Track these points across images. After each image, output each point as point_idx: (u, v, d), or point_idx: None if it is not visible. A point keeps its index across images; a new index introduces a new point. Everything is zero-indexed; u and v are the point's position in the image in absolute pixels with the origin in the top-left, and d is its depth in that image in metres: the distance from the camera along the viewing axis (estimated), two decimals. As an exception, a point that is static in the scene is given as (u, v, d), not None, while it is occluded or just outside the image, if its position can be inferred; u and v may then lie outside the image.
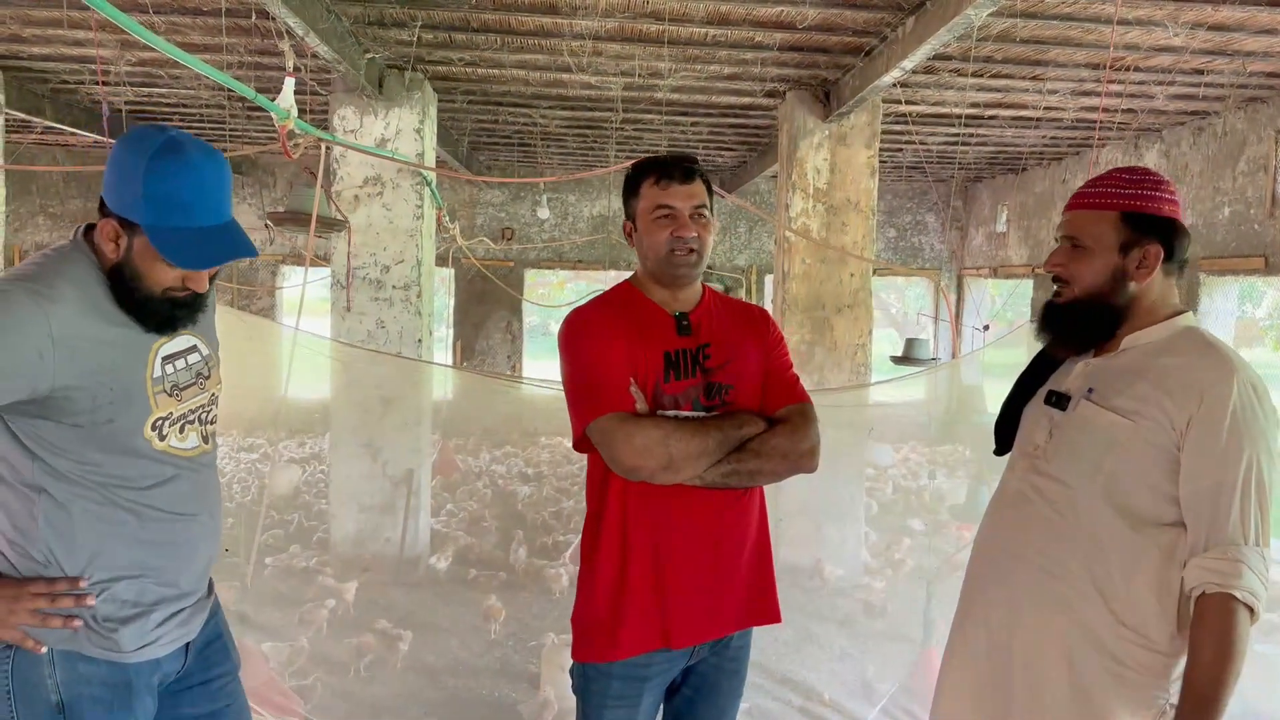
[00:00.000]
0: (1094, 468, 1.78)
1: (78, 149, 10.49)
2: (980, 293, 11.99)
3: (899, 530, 7.44)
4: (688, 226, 2.03)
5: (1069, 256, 1.88)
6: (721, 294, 2.26)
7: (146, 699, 1.75)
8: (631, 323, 2.06)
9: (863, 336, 6.35)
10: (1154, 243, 1.81)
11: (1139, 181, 1.84)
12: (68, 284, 1.64)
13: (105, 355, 1.66)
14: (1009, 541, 1.91)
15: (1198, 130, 7.21)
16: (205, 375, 1.86)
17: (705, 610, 2.05)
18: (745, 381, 2.09)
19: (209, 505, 1.87)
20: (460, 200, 11.46)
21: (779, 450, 2.01)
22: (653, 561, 2.01)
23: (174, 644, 1.80)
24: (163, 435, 1.75)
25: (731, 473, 1.97)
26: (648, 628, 2.01)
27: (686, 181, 2.04)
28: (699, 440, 1.93)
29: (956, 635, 2.00)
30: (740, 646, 2.18)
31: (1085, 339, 1.90)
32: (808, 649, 5.14)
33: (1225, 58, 5.33)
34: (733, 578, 2.08)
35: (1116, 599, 1.75)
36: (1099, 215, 1.85)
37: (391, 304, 6.01)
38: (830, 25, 4.94)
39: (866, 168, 6.25)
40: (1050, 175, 9.77)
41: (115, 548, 1.70)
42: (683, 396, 2.03)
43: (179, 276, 1.69)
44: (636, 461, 1.90)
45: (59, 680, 1.65)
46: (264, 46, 5.50)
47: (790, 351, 6.69)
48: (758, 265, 11.77)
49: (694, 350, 2.06)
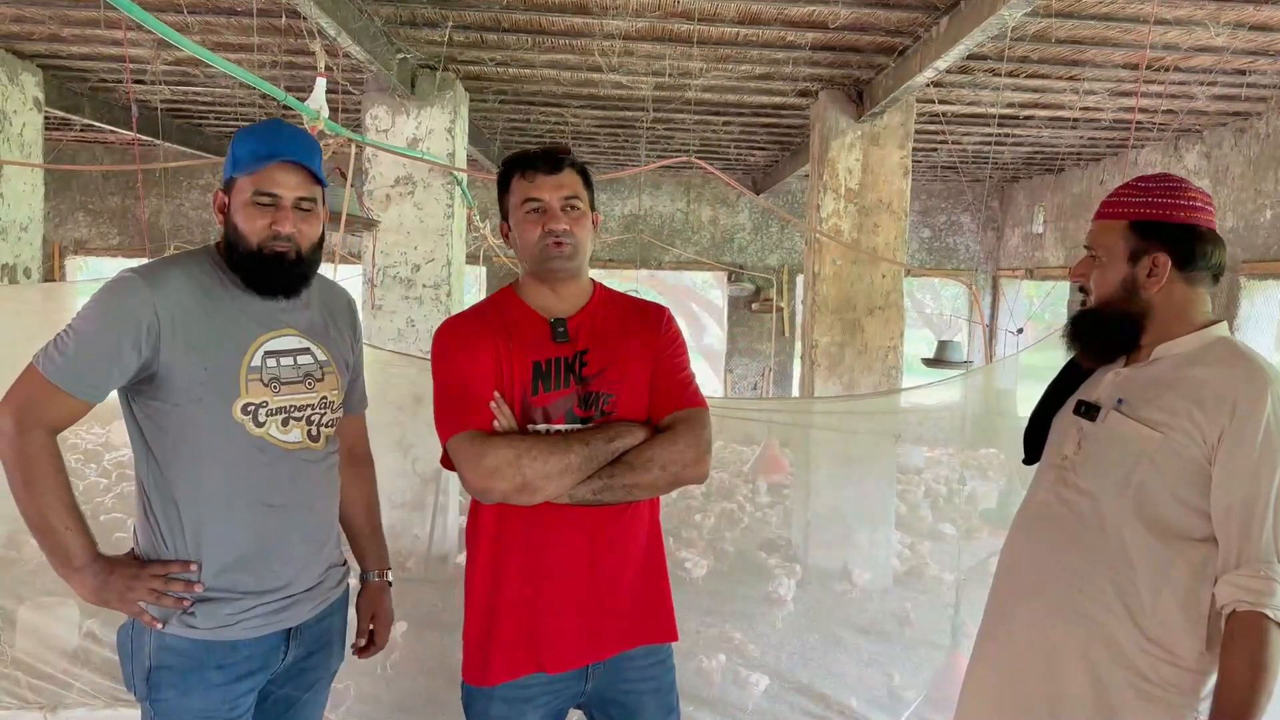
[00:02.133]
0: (1123, 480, 1.75)
1: (116, 146, 10.64)
2: (1016, 294, 11.85)
3: (929, 534, 7.37)
4: (557, 218, 1.90)
5: (1089, 266, 1.87)
6: (619, 293, 2.11)
7: (214, 676, 1.82)
8: (501, 331, 1.92)
9: (894, 339, 6.29)
10: (1161, 251, 1.78)
11: (1149, 189, 1.81)
12: (179, 271, 1.84)
13: (206, 337, 1.81)
14: (1035, 554, 1.87)
15: (1239, 131, 7.07)
16: (317, 378, 1.94)
17: (583, 632, 1.92)
18: (628, 388, 1.94)
19: (307, 499, 1.94)
20: (491, 199, 11.29)
21: (657, 461, 1.86)
22: (524, 582, 1.89)
23: (260, 630, 1.86)
24: (259, 422, 1.85)
25: (604, 488, 1.83)
26: (520, 651, 1.90)
27: (554, 172, 1.92)
28: (558, 458, 1.79)
29: (980, 647, 1.97)
30: (653, 664, 2.02)
31: (1106, 349, 1.88)
32: (835, 654, 5.10)
33: (1268, 58, 5.22)
34: (614, 597, 1.94)
35: (1143, 614, 1.71)
36: (1110, 225, 1.84)
37: (421, 302, 6.04)
38: (863, 25, 4.90)
39: (899, 168, 6.19)
40: (1088, 176, 9.63)
41: (205, 530, 1.82)
42: (553, 409, 1.89)
43: (267, 223, 1.83)
44: (486, 484, 1.79)
45: (152, 647, 1.82)
46: (297, 46, 5.54)
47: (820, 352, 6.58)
48: (789, 265, 11.71)
49: (570, 358, 1.92)
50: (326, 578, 2.02)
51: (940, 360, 6.63)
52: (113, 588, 1.77)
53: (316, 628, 2.00)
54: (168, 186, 11.16)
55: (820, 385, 6.25)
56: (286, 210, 1.86)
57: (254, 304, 1.89)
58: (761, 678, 4.41)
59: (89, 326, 1.77)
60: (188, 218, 11.34)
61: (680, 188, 11.64)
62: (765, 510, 8.01)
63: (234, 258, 1.86)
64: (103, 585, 1.77)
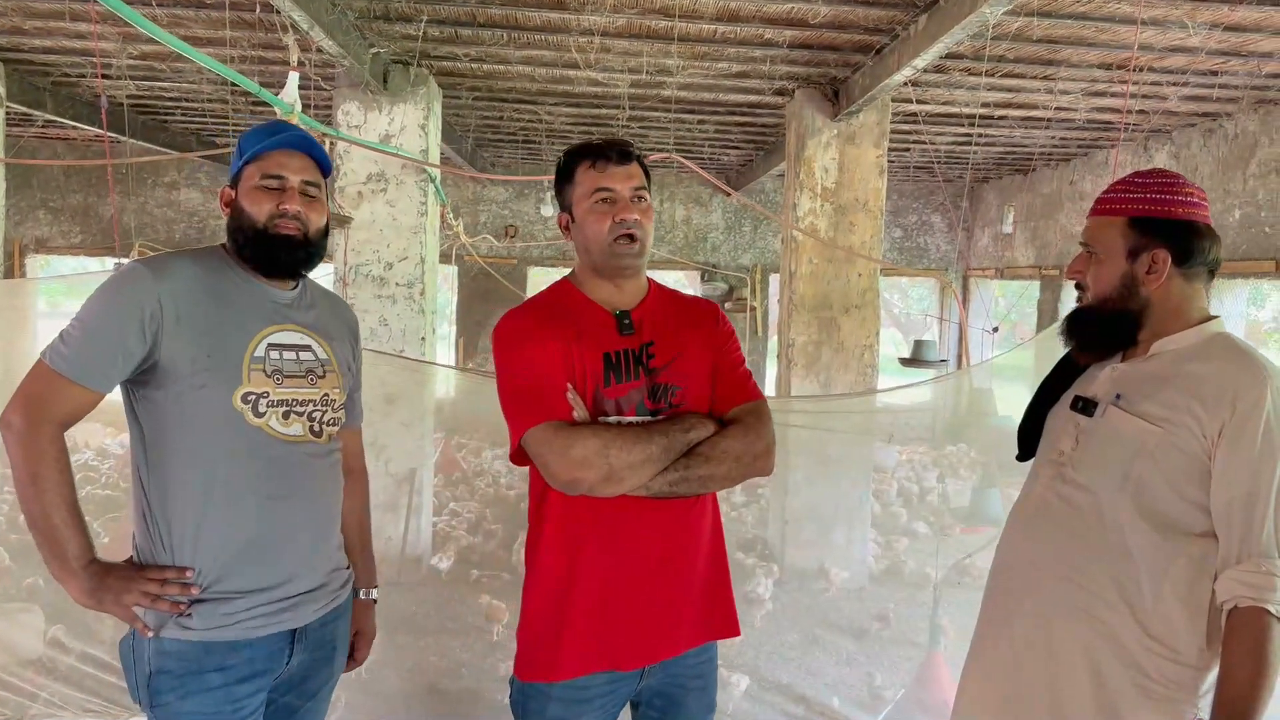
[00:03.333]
0: (1122, 475, 1.73)
1: (79, 143, 10.45)
2: (986, 294, 11.93)
3: (903, 532, 7.39)
4: (629, 209, 1.89)
5: (1086, 263, 1.86)
6: (669, 289, 2.11)
7: (214, 678, 1.79)
8: (568, 323, 1.90)
9: (870, 337, 6.30)
10: (1161, 247, 1.77)
11: (1147, 185, 1.80)
12: (187, 263, 1.87)
13: (210, 323, 1.82)
14: (1034, 551, 1.85)
15: (1208, 132, 7.15)
16: (319, 375, 1.94)
17: (655, 629, 1.92)
18: (693, 381, 1.94)
19: (309, 491, 1.92)
20: (464, 197, 11.41)
21: (731, 453, 1.87)
22: (597, 580, 1.87)
23: (260, 630, 1.83)
24: (259, 412, 1.83)
25: (680, 480, 1.83)
26: (592, 649, 1.88)
27: (624, 163, 1.91)
28: (642, 447, 1.79)
29: (978, 646, 1.94)
30: (703, 661, 2.03)
31: (1105, 345, 1.87)
32: (813, 653, 5.09)
33: (1240, 59, 5.27)
34: (685, 593, 1.95)
35: (1144, 610, 1.69)
36: (1108, 221, 1.82)
37: (395, 301, 5.96)
38: (842, 22, 4.89)
39: (875, 167, 6.20)
40: (1058, 176, 9.71)
41: (204, 524, 1.80)
42: (625, 400, 1.88)
43: (274, 204, 1.86)
44: (574, 474, 1.77)
45: (151, 653, 1.80)
46: (268, 41, 5.45)
47: (796, 351, 6.61)
48: (763, 264, 11.71)
49: (637, 350, 1.91)
50: (331, 579, 1.99)
51: (917, 360, 6.63)
52: (108, 590, 1.76)
53: (320, 632, 1.97)
54: (132, 184, 10.97)
55: (797, 384, 6.24)
56: (293, 191, 1.89)
57: (259, 298, 1.90)
58: (742, 678, 4.39)
59: (94, 317, 1.78)
60: (152, 215, 11.15)
61: (653, 187, 11.57)
62: (740, 509, 8.00)
63: (240, 242, 1.89)
64: (98, 587, 1.76)
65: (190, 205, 11.21)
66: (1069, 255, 9.31)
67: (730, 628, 2.06)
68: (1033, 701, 1.79)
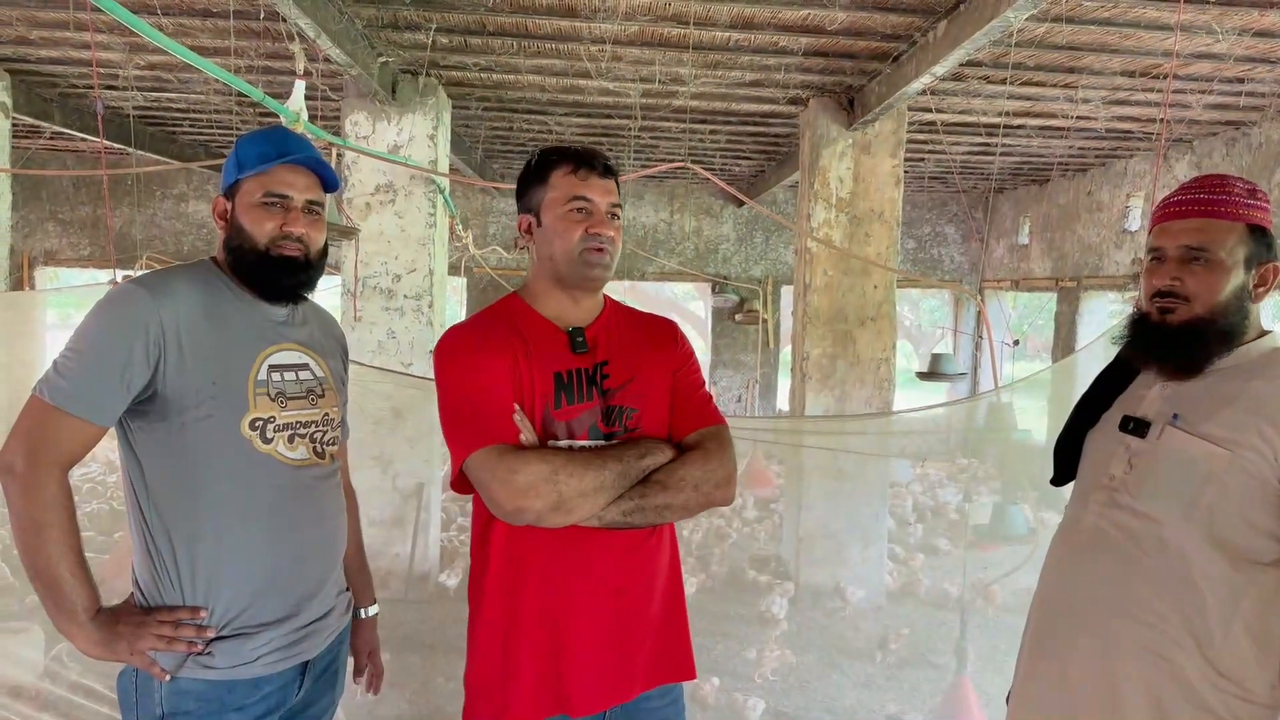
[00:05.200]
0: (1188, 502, 1.60)
1: (88, 155, 10.40)
2: (1001, 306, 11.79)
3: (921, 549, 7.26)
4: (605, 223, 1.79)
5: (1187, 269, 1.68)
6: (626, 306, 1.99)
7: (233, 718, 1.72)
8: (516, 340, 1.77)
9: (887, 350, 6.18)
10: (1274, 260, 1.68)
11: (1255, 191, 1.69)
12: (184, 283, 1.75)
13: (212, 349, 1.72)
14: (1088, 585, 1.72)
15: (1231, 141, 7.02)
16: (319, 394, 1.87)
17: (609, 670, 1.77)
18: (650, 404, 1.81)
19: (318, 517, 1.84)
20: (473, 208, 11.33)
21: (690, 481, 1.73)
22: (545, 618, 1.74)
23: (280, 664, 1.77)
24: (266, 438, 1.75)
25: (635, 509, 1.70)
26: (542, 694, 1.74)
27: (606, 176, 1.82)
28: (594, 474, 1.66)
29: (1027, 688, 1.80)
30: (666, 705, 1.88)
31: (1200, 362, 1.69)
32: (830, 676, 4.95)
33: (1268, 65, 5.15)
34: (640, 631, 1.80)
35: (1213, 647, 1.57)
36: (1228, 226, 1.67)
37: (403, 314, 5.87)
38: (859, 29, 4.78)
39: (891, 177, 6.09)
40: (1075, 186, 9.58)
41: (220, 561, 1.72)
42: (577, 423, 1.75)
43: (277, 225, 1.77)
44: (520, 502, 1.63)
45: (164, 694, 1.70)
46: (275, 50, 5.37)
47: (811, 364, 6.47)
48: (774, 276, 11.60)
49: (590, 370, 1.79)
50: (337, 604, 1.93)
51: (935, 373, 6.50)
52: (119, 638, 1.67)
53: (325, 659, 1.91)
54: (140, 196, 10.92)
55: (812, 398, 6.12)
56: (296, 212, 1.80)
57: (255, 317, 1.81)
58: (758, 702, 4.27)
59: (92, 343, 1.67)
60: (160, 228, 11.10)
61: (664, 198, 11.52)
62: (753, 525, 7.87)
63: (239, 262, 1.79)
64: (109, 636, 1.67)
65: (199, 217, 11.15)
66: (1086, 267, 9.19)
67: (684, 669, 1.90)
68: None
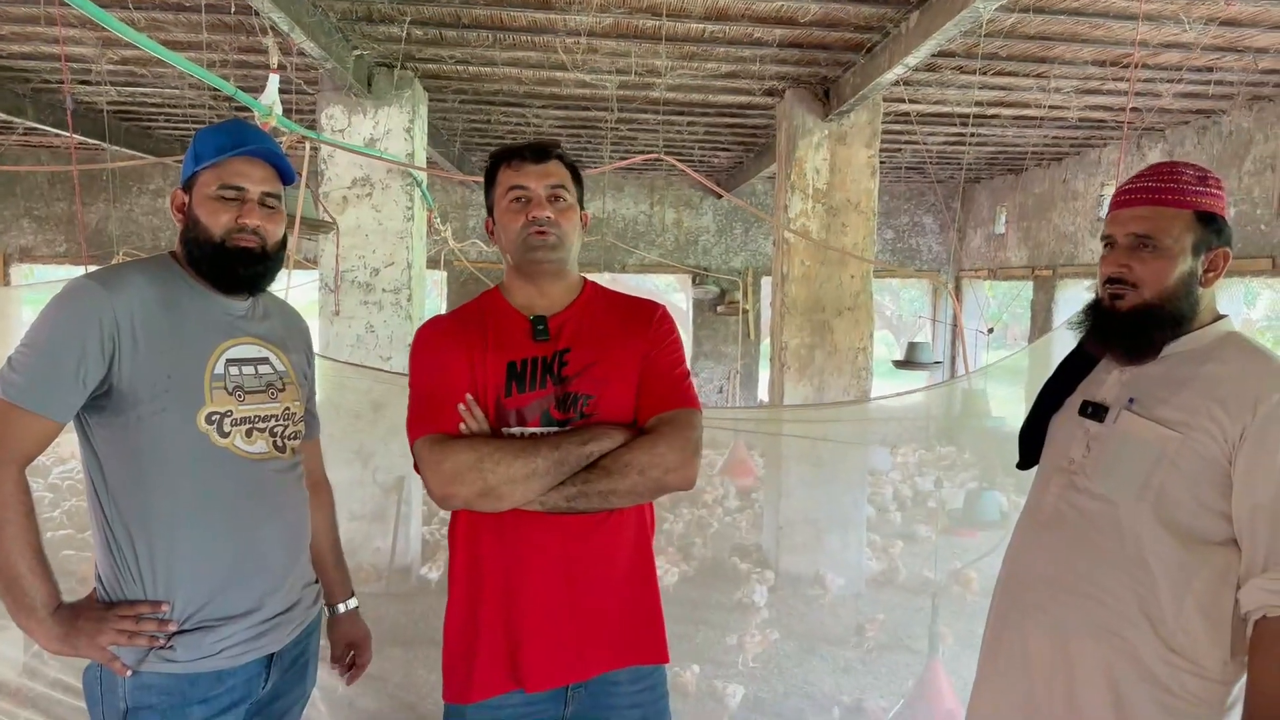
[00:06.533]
0: (1141, 483, 1.65)
1: (62, 150, 10.33)
2: (979, 295, 11.88)
3: (898, 535, 7.32)
4: (542, 205, 1.82)
5: (1136, 256, 1.71)
6: (611, 292, 1.99)
7: (196, 711, 1.73)
8: (481, 331, 1.84)
9: (864, 339, 6.22)
10: (1224, 246, 1.70)
11: (1206, 178, 1.71)
12: (139, 276, 1.75)
13: (168, 342, 1.72)
14: (1047, 564, 1.77)
15: (1202, 129, 7.10)
16: (279, 388, 1.88)
17: (562, 649, 1.81)
18: (610, 389, 1.81)
19: (279, 509, 1.85)
20: (452, 202, 11.32)
21: (635, 466, 1.73)
22: (502, 596, 1.80)
23: (244, 657, 1.78)
24: (224, 432, 1.76)
25: (578, 495, 1.72)
26: (498, 668, 1.81)
27: (540, 161, 1.85)
28: (524, 461, 1.69)
29: (989, 665, 1.85)
30: (639, 690, 1.89)
31: (1151, 348, 1.73)
32: (810, 662, 5.00)
33: (1235, 54, 5.21)
34: (596, 613, 1.83)
35: (1165, 624, 1.62)
36: (1175, 213, 1.70)
37: (381, 307, 5.87)
38: (832, 20, 4.81)
39: (867, 167, 6.13)
40: (1050, 176, 9.66)
41: (177, 554, 1.72)
42: (529, 410, 1.79)
43: (232, 217, 1.77)
44: (447, 489, 1.71)
45: (128, 688, 1.71)
46: (248, 44, 5.36)
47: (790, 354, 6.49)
48: (754, 267, 11.64)
49: (548, 357, 1.82)
50: (303, 596, 1.93)
51: (911, 362, 6.55)
52: (80, 634, 1.68)
53: (293, 651, 1.91)
54: (116, 191, 10.85)
55: (790, 388, 6.16)
56: (252, 204, 1.80)
57: (213, 310, 1.81)
58: (738, 688, 4.31)
59: (46, 338, 1.67)
60: (138, 224, 11.03)
61: (644, 190, 11.54)
62: (735, 515, 7.92)
63: (195, 254, 1.79)
64: (69, 632, 1.67)
65: (176, 213, 11.08)
66: (1062, 256, 9.28)
67: (656, 653, 1.92)
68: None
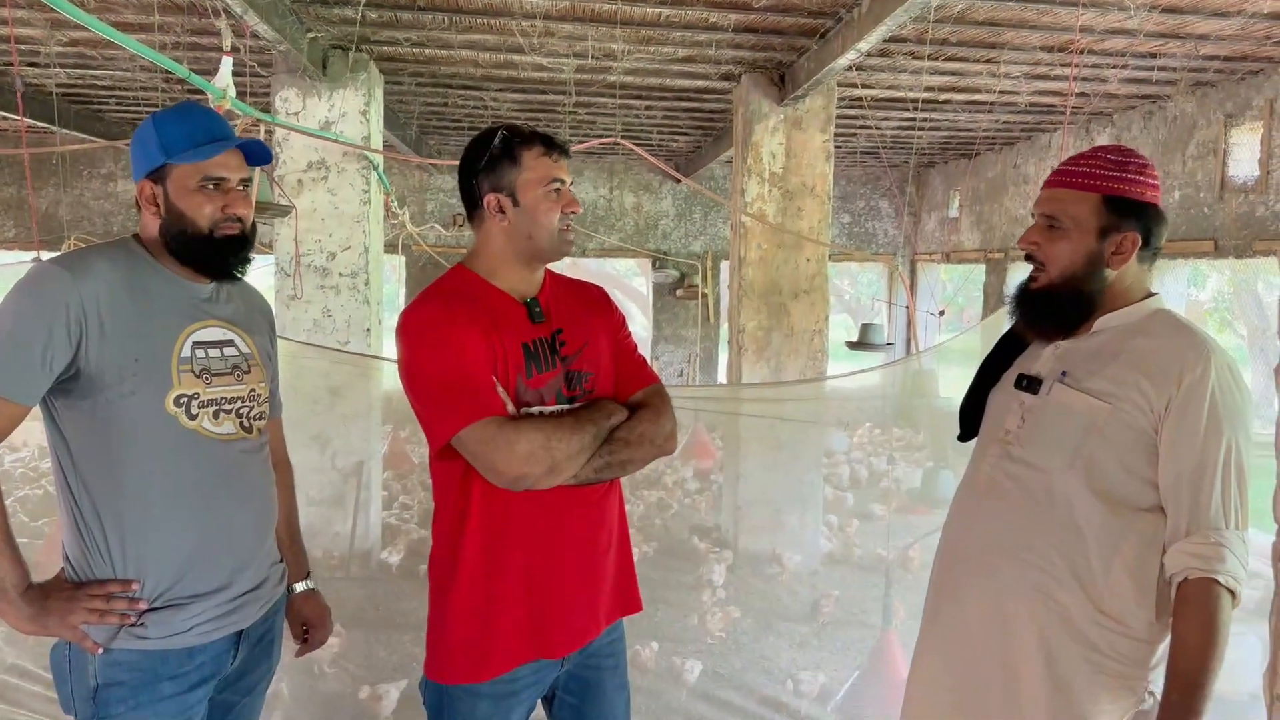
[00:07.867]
0: (1071, 452, 1.72)
1: (10, 134, 10.13)
2: (933, 278, 12.04)
3: (855, 515, 7.44)
4: (575, 204, 1.91)
5: (1045, 236, 1.80)
6: (558, 274, 2.07)
7: (167, 687, 1.76)
8: (483, 314, 1.85)
9: (820, 322, 6.31)
10: (1133, 230, 1.75)
11: (1124, 164, 1.77)
12: (104, 261, 1.77)
13: (134, 326, 1.74)
14: (983, 531, 1.84)
15: (1148, 114, 7.25)
16: (244, 370, 1.90)
17: (580, 613, 1.93)
18: (601, 368, 1.96)
19: (248, 491, 1.89)
20: (410, 186, 11.26)
21: (647, 437, 1.91)
22: (523, 571, 1.86)
23: (214, 634, 1.81)
24: (192, 414, 1.79)
25: (604, 466, 1.85)
26: (520, 641, 1.87)
27: (567, 157, 1.94)
28: (578, 437, 1.80)
29: (929, 627, 1.93)
30: (613, 640, 2.06)
31: (1060, 325, 1.83)
32: (767, 638, 5.10)
33: (1178, 41, 5.34)
34: (602, 574, 1.97)
35: (1094, 586, 1.69)
36: (1080, 196, 1.77)
37: (339, 292, 5.85)
38: (786, 5, 4.87)
39: (822, 152, 6.20)
40: (1002, 160, 9.81)
41: (147, 535, 1.75)
42: (547, 390, 1.87)
43: (219, 205, 1.81)
44: (522, 469, 1.75)
45: (98, 664, 1.73)
46: (201, 26, 5.30)
47: (747, 336, 6.60)
48: (713, 251, 11.71)
49: (549, 338, 1.90)
50: (270, 574, 1.97)
51: (863, 343, 6.65)
52: (50, 614, 1.70)
53: (260, 628, 1.95)
54: (67, 176, 10.67)
55: (748, 369, 6.24)
56: (236, 193, 1.85)
57: (179, 294, 1.83)
58: (695, 664, 4.38)
59: (12, 323, 1.68)
60: (89, 208, 10.86)
61: (603, 174, 11.55)
62: (694, 496, 8.00)
63: (183, 246, 1.81)
64: (39, 612, 1.70)
65: (128, 197, 10.92)
66: (1014, 238, 9.41)
67: (634, 604, 2.09)
68: (987, 680, 1.79)
